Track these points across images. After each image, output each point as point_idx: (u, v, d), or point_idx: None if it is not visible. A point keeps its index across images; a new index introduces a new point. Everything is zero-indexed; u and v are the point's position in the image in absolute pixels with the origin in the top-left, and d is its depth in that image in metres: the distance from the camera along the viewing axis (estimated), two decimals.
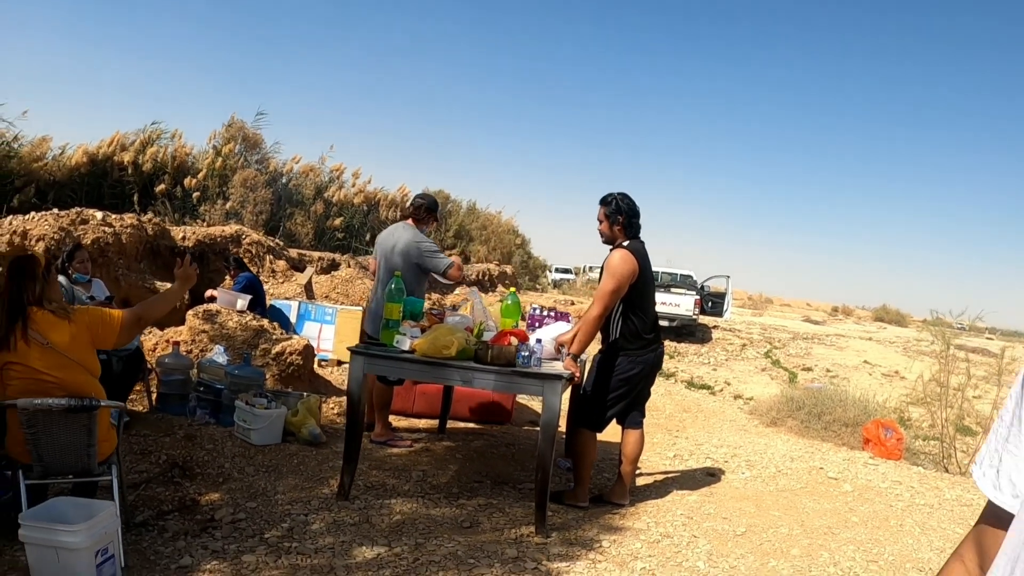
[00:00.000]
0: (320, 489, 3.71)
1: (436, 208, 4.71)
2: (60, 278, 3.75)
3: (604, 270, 3.72)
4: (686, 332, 14.75)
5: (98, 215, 7.02)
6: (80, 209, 7.04)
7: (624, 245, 3.72)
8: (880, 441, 5.59)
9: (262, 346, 5.50)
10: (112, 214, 7.36)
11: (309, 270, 9.68)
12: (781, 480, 4.61)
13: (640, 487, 4.29)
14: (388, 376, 4.36)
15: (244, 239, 9.27)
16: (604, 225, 3.81)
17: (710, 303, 15.52)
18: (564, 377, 3.37)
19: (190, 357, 5.08)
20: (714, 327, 16.02)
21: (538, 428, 3.46)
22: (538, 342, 3.61)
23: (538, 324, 4.37)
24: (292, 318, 7.31)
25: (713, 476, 4.66)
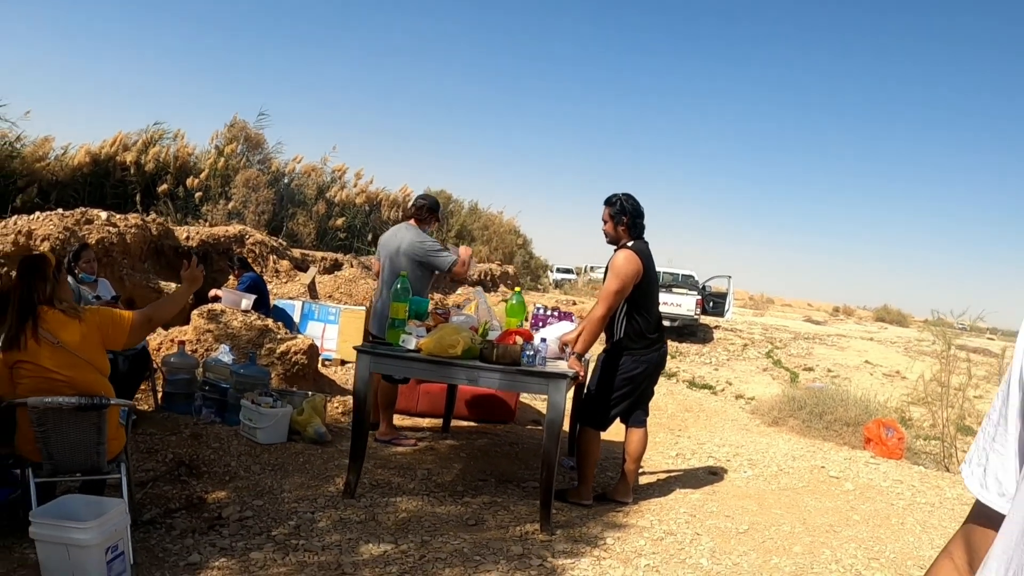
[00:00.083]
0: (326, 487, 3.73)
1: (438, 208, 4.75)
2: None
3: (609, 270, 3.75)
4: (688, 332, 14.78)
5: (102, 215, 7.05)
6: (85, 209, 7.07)
7: (628, 246, 3.74)
8: (881, 440, 5.61)
9: (267, 345, 5.53)
10: (116, 214, 7.39)
11: (312, 270, 9.71)
12: (783, 479, 4.63)
13: (643, 485, 4.31)
14: (394, 375, 4.39)
15: (248, 239, 9.30)
16: (608, 226, 3.83)
17: (711, 303, 15.54)
18: (568, 376, 3.39)
19: (195, 356, 5.12)
20: (715, 327, 16.04)
21: (541, 427, 3.49)
22: (542, 341, 3.63)
23: (542, 323, 4.40)
24: (296, 318, 7.33)
25: (715, 475, 4.68)
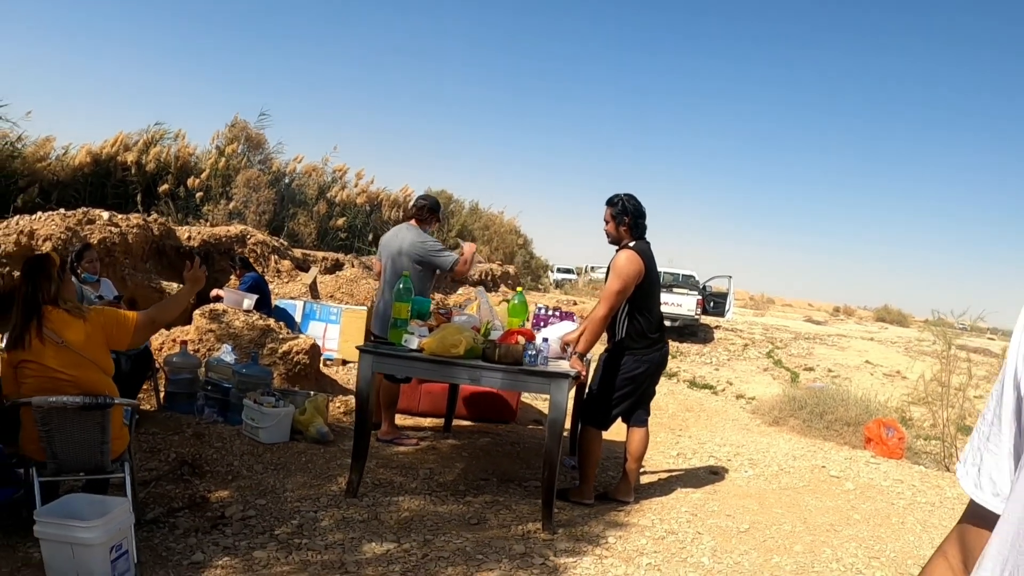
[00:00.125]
0: (328, 486, 3.74)
1: (438, 209, 4.77)
2: None
3: (610, 271, 3.76)
4: (688, 332, 14.79)
5: (104, 215, 7.06)
6: (86, 209, 7.09)
7: (630, 246, 3.75)
8: (882, 440, 5.62)
9: (269, 345, 5.54)
10: (118, 214, 7.40)
11: (313, 270, 9.72)
12: (784, 478, 4.64)
13: (644, 485, 4.32)
14: (396, 374, 4.40)
15: (249, 239, 9.32)
16: (610, 226, 3.84)
17: (712, 303, 15.55)
18: (570, 376, 3.41)
19: (198, 356, 5.13)
20: (716, 327, 16.04)
21: (542, 427, 3.49)
22: (544, 341, 3.64)
23: (544, 323, 4.41)
24: (297, 318, 7.35)
25: (716, 474, 4.69)
